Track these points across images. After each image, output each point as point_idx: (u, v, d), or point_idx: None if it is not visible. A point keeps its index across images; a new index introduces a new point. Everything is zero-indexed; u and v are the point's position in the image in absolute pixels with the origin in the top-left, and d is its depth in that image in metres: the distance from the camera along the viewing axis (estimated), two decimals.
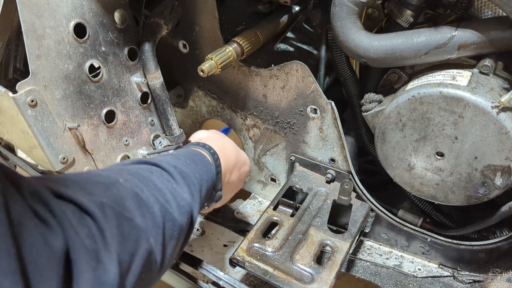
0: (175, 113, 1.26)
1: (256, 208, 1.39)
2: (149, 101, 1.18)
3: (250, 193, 1.43)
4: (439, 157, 0.95)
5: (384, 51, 0.92)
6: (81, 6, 0.97)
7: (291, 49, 1.27)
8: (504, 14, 0.85)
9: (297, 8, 1.27)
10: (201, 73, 1.02)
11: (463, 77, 0.90)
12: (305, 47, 1.27)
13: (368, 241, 1.24)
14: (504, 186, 0.90)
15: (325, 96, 1.08)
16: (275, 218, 1.12)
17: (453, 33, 0.88)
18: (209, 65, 1.03)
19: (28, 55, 0.89)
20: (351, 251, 1.07)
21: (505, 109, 0.85)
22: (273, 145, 1.27)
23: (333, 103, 1.08)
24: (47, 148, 0.95)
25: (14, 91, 0.88)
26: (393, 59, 0.93)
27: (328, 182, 1.19)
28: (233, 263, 1.00)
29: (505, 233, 1.04)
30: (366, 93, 1.05)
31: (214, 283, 1.08)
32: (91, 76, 1.03)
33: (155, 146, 1.22)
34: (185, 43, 1.23)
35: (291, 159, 1.24)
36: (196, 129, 1.42)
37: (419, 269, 1.16)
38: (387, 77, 1.06)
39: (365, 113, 1.04)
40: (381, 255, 1.21)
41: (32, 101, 0.90)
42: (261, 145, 1.30)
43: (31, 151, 0.98)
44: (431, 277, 1.14)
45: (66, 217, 0.44)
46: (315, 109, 1.11)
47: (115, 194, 0.54)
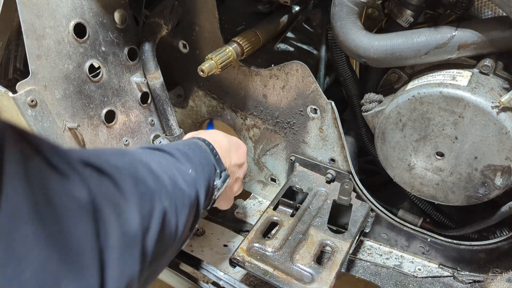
0: (175, 113, 1.26)
1: (256, 208, 1.39)
2: (149, 101, 1.18)
3: (250, 193, 1.44)
4: (439, 157, 0.95)
5: (384, 51, 0.92)
6: (81, 6, 0.97)
7: (291, 49, 1.27)
8: (504, 14, 0.85)
9: (297, 8, 1.27)
10: (201, 73, 1.02)
11: (463, 77, 0.90)
12: (305, 47, 1.27)
13: (368, 241, 1.24)
14: (504, 186, 0.90)
15: (325, 96, 1.08)
16: (275, 218, 1.12)
17: (453, 33, 0.88)
18: (209, 65, 1.03)
19: (28, 55, 0.89)
20: (351, 251, 1.07)
21: (505, 109, 0.85)
22: (273, 145, 1.27)
23: (333, 103, 1.08)
24: None
25: (14, 91, 0.88)
26: (393, 59, 0.93)
27: (328, 182, 1.19)
28: (233, 263, 1.00)
29: (505, 233, 1.04)
30: (366, 93, 1.05)
31: (214, 283, 1.08)
32: (91, 76, 1.03)
33: None
34: (185, 43, 1.23)
35: (291, 159, 1.24)
36: (196, 129, 1.42)
37: (419, 269, 1.16)
38: (387, 77, 1.06)
39: (365, 113, 1.04)
40: (381, 255, 1.21)
41: (32, 101, 0.90)
42: (261, 145, 1.30)
43: None
44: (431, 277, 1.14)
45: (87, 173, 0.46)
46: (315, 109, 1.11)
47: (127, 161, 0.57)
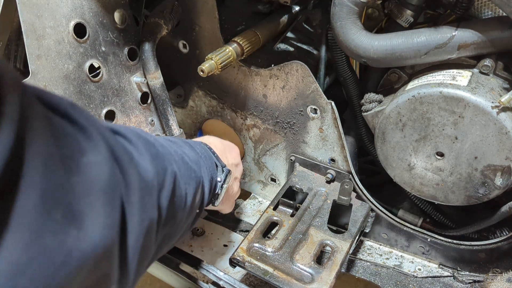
0: (175, 113, 1.26)
1: (256, 208, 1.39)
2: (149, 101, 1.18)
3: (250, 193, 1.43)
4: (439, 157, 0.95)
5: (384, 51, 0.92)
6: (81, 6, 0.97)
7: (291, 49, 1.27)
8: (504, 14, 0.85)
9: (297, 8, 1.27)
10: (201, 73, 1.02)
11: (463, 77, 0.90)
12: (305, 47, 1.27)
13: (368, 241, 1.24)
14: (504, 186, 0.90)
15: (325, 96, 1.08)
16: (275, 218, 1.12)
17: (453, 33, 0.88)
18: (209, 65, 1.03)
19: (28, 55, 0.89)
20: (351, 251, 1.07)
21: (505, 109, 0.85)
22: (273, 145, 1.27)
23: (333, 103, 1.08)
24: None
25: None
26: (393, 59, 0.93)
27: (328, 182, 1.19)
28: (233, 263, 1.00)
29: (505, 233, 1.04)
30: (366, 93, 1.05)
31: (214, 283, 1.08)
32: (91, 76, 1.03)
33: None
34: (185, 43, 1.23)
35: (291, 159, 1.24)
36: (196, 129, 1.42)
37: (419, 269, 1.16)
38: (387, 77, 1.06)
39: (365, 113, 1.04)
40: (381, 255, 1.21)
41: None
42: (261, 145, 1.30)
43: None
44: (431, 277, 1.14)
45: (103, 129, 0.47)
46: (315, 109, 1.11)
47: (136, 129, 0.59)
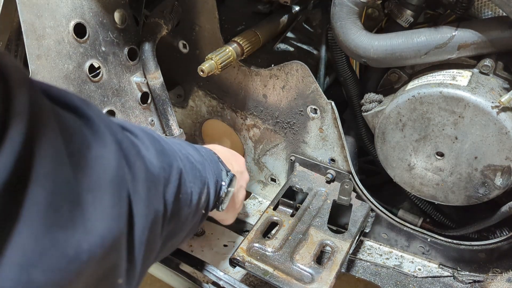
0: (175, 113, 1.26)
1: (256, 208, 1.39)
2: (149, 101, 1.18)
3: (250, 193, 1.44)
4: (439, 157, 0.95)
5: (384, 51, 0.92)
6: (81, 6, 0.97)
7: (291, 49, 1.27)
8: (504, 14, 0.85)
9: (297, 8, 1.27)
10: (201, 73, 1.02)
11: (463, 77, 0.90)
12: (305, 47, 1.27)
13: (368, 241, 1.24)
14: (504, 186, 0.90)
15: (325, 96, 1.08)
16: (275, 218, 1.12)
17: (453, 33, 0.88)
18: (209, 65, 1.03)
19: (28, 55, 0.89)
20: (351, 251, 1.07)
21: (505, 109, 0.85)
22: (273, 145, 1.27)
23: (333, 103, 1.08)
24: None
25: None
26: (393, 59, 0.93)
27: (328, 182, 1.19)
28: (233, 263, 1.00)
29: (505, 233, 1.04)
30: (366, 93, 1.05)
31: (214, 283, 1.08)
32: (91, 76, 1.03)
33: None
34: (185, 43, 1.23)
35: (291, 159, 1.24)
36: (196, 129, 1.42)
37: (419, 269, 1.16)
38: (387, 77, 1.06)
39: (365, 113, 1.04)
40: (381, 255, 1.21)
41: None
42: (261, 145, 1.30)
43: None
44: (431, 277, 1.14)
45: (111, 123, 0.47)
46: (315, 109, 1.11)
47: (142, 127, 0.59)
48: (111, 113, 1.09)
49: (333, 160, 1.17)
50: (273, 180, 1.35)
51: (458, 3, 0.90)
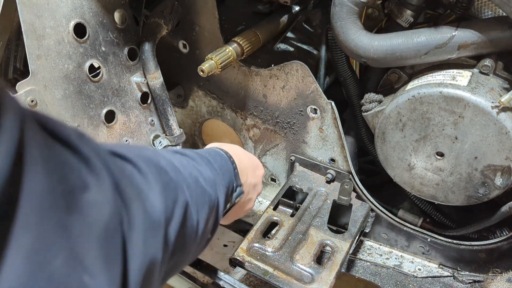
0: (175, 113, 1.26)
1: (256, 208, 1.39)
2: (149, 101, 1.18)
3: None
4: (439, 157, 0.95)
5: (384, 51, 0.92)
6: (81, 6, 0.97)
7: (291, 49, 1.27)
8: (504, 14, 0.85)
9: (297, 8, 1.27)
10: (201, 73, 1.02)
11: (463, 77, 0.90)
12: (305, 47, 1.27)
13: (368, 241, 1.24)
14: (504, 186, 0.90)
15: (325, 96, 1.08)
16: (275, 218, 1.12)
17: (453, 33, 0.88)
18: (209, 65, 1.03)
19: (28, 55, 0.89)
20: (351, 251, 1.07)
21: (505, 109, 0.85)
22: (273, 145, 1.27)
23: (333, 103, 1.08)
24: None
25: (14, 91, 0.88)
26: (393, 59, 0.93)
27: (328, 182, 1.19)
28: (233, 263, 1.00)
29: (505, 233, 1.04)
30: (366, 93, 1.05)
31: (214, 283, 1.08)
32: (91, 76, 1.03)
33: (155, 146, 1.22)
34: (185, 43, 1.23)
35: (291, 159, 1.24)
36: (196, 129, 1.42)
37: (419, 269, 1.16)
38: (387, 77, 1.06)
39: (365, 113, 1.04)
40: (381, 255, 1.21)
41: (32, 101, 0.90)
42: (261, 145, 1.30)
43: None
44: (431, 277, 1.14)
45: (110, 158, 0.45)
46: (315, 109, 1.11)
47: (148, 153, 0.56)
48: (111, 113, 1.09)
49: (333, 160, 1.17)
50: (273, 180, 1.35)
51: (458, 3, 0.90)
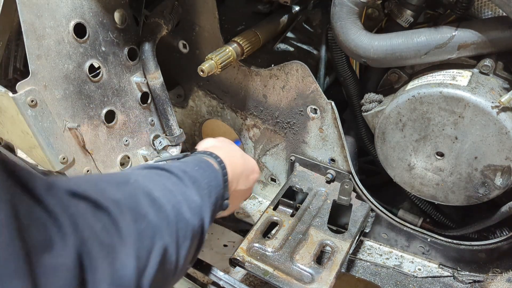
0: (175, 113, 1.26)
1: (256, 208, 1.39)
2: (149, 101, 1.18)
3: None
4: (439, 157, 0.95)
5: (384, 51, 0.92)
6: (81, 6, 0.97)
7: (291, 49, 1.27)
8: (504, 14, 0.85)
9: (297, 8, 1.27)
10: (201, 73, 1.02)
11: (463, 77, 0.90)
12: (305, 47, 1.27)
13: (368, 241, 1.24)
14: (504, 186, 0.90)
15: (325, 96, 1.08)
16: (275, 218, 1.12)
17: (453, 33, 0.88)
18: (209, 65, 1.03)
19: (28, 55, 0.89)
20: (351, 251, 1.07)
21: (505, 109, 0.85)
22: (273, 145, 1.27)
23: (333, 103, 1.08)
24: (47, 148, 0.95)
25: (14, 91, 0.88)
26: (393, 59, 0.93)
27: (328, 182, 1.19)
28: (233, 263, 1.00)
29: (505, 233, 1.04)
30: (366, 93, 1.05)
31: (214, 283, 1.08)
32: (91, 76, 1.03)
33: (155, 146, 1.22)
34: (185, 43, 1.23)
35: (291, 159, 1.24)
36: (196, 129, 1.42)
37: (419, 269, 1.16)
38: (387, 77, 1.06)
39: (365, 113, 1.04)
40: (381, 255, 1.21)
41: (32, 101, 0.90)
42: (261, 145, 1.30)
43: (31, 151, 0.98)
44: (431, 277, 1.14)
45: (79, 213, 0.43)
46: (315, 109, 1.11)
47: (127, 191, 0.54)
48: (111, 113, 1.09)
49: (333, 160, 1.17)
50: (273, 180, 1.35)
51: (458, 3, 0.90)
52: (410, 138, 0.97)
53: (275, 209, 1.15)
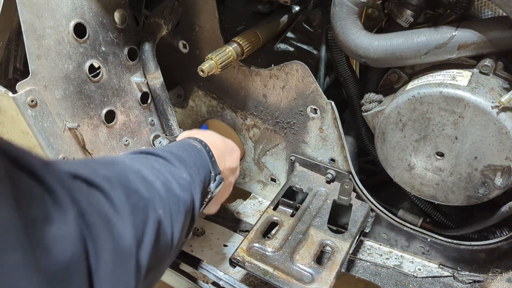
0: (175, 113, 1.26)
1: (256, 208, 1.39)
2: (149, 101, 1.18)
3: (250, 193, 1.44)
4: (439, 157, 0.95)
5: (384, 51, 0.92)
6: (81, 6, 0.97)
7: (291, 49, 1.27)
8: (504, 14, 0.85)
9: (297, 8, 1.27)
10: (201, 73, 1.02)
11: (463, 77, 0.90)
12: (305, 47, 1.27)
13: (368, 241, 1.24)
14: (504, 186, 0.90)
15: (325, 96, 1.08)
16: (275, 218, 1.12)
17: (453, 33, 0.88)
18: (209, 65, 1.03)
19: (28, 55, 0.89)
20: (351, 251, 1.07)
21: (505, 109, 0.85)
22: (273, 145, 1.27)
23: (333, 103, 1.08)
24: (47, 148, 0.95)
25: (14, 91, 0.88)
26: (393, 59, 0.93)
27: (328, 182, 1.19)
28: (233, 263, 1.00)
29: (505, 233, 1.04)
30: (366, 93, 1.05)
31: (214, 283, 1.08)
32: (91, 76, 1.03)
33: (155, 146, 1.22)
34: (185, 43, 1.23)
35: (291, 159, 1.24)
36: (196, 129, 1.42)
37: (419, 269, 1.16)
38: (387, 77, 1.06)
39: (365, 113, 1.04)
40: (381, 255, 1.21)
41: (32, 101, 0.90)
42: (261, 145, 1.30)
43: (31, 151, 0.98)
44: (431, 277, 1.14)
45: (76, 187, 0.44)
46: (315, 109, 1.11)
47: (117, 170, 0.55)
48: (111, 113, 1.09)
49: (333, 160, 1.17)
50: (273, 180, 1.35)
51: (458, 3, 0.90)
52: (410, 138, 0.97)
53: (275, 209, 1.15)
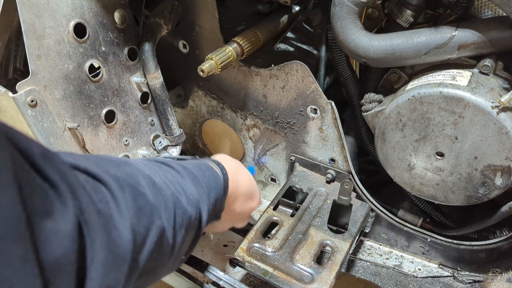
0: (175, 113, 1.26)
1: (256, 208, 1.39)
2: (149, 101, 1.18)
3: None
4: (439, 157, 0.95)
5: (384, 51, 0.92)
6: (81, 6, 0.97)
7: (291, 49, 1.27)
8: (504, 14, 0.85)
9: (297, 8, 1.27)
10: (201, 73, 1.02)
11: (463, 77, 0.90)
12: (305, 47, 1.27)
13: (368, 241, 1.24)
14: (504, 186, 0.90)
15: (325, 96, 1.08)
16: (275, 218, 1.12)
17: (453, 33, 0.88)
18: (209, 65, 1.03)
19: (28, 55, 0.89)
20: (351, 251, 1.07)
21: (505, 109, 0.85)
22: (273, 145, 1.27)
23: (333, 103, 1.08)
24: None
25: (14, 91, 0.88)
26: (393, 59, 0.93)
27: (328, 182, 1.19)
28: (233, 263, 1.00)
29: (505, 233, 1.04)
30: (366, 93, 1.05)
31: (214, 283, 1.08)
32: (91, 76, 1.03)
33: (155, 146, 1.22)
34: (185, 43, 1.23)
35: (291, 159, 1.24)
36: (196, 129, 1.42)
37: (419, 269, 1.16)
38: (387, 77, 1.06)
39: (365, 113, 1.04)
40: (381, 255, 1.21)
41: (32, 101, 0.90)
42: (261, 145, 1.30)
43: None
44: (431, 277, 1.14)
45: (78, 182, 0.43)
46: (315, 109, 1.11)
47: (128, 171, 0.54)
48: (111, 113, 1.09)
49: (333, 160, 1.17)
50: (273, 180, 1.35)
51: (458, 3, 0.90)
52: (410, 138, 0.97)
53: (275, 209, 1.15)
